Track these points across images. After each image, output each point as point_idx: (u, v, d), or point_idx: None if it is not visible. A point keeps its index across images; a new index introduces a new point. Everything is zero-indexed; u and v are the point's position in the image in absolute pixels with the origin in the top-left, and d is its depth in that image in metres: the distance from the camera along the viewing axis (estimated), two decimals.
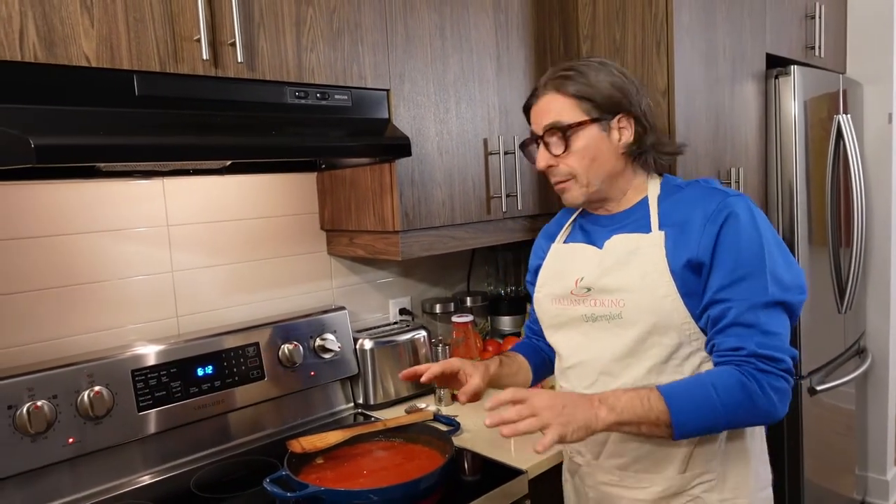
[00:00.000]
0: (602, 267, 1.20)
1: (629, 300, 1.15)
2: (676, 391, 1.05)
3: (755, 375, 1.04)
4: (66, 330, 1.43)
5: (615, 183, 1.23)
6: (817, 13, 2.51)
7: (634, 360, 1.17)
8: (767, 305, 1.07)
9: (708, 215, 1.11)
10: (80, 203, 1.43)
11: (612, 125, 1.19)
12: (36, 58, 1.05)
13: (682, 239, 1.13)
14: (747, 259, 1.08)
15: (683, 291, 1.12)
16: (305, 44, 1.39)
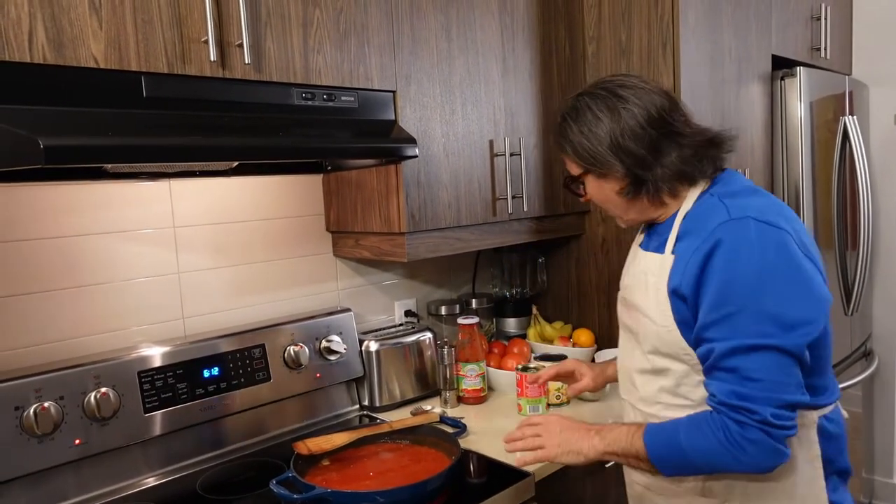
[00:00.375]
0: (628, 280, 1.22)
1: (641, 322, 1.15)
2: (655, 431, 1.08)
3: (727, 425, 0.99)
4: (73, 331, 1.43)
5: (647, 209, 1.17)
6: (823, 14, 2.51)
7: (649, 378, 1.16)
8: (753, 349, 0.97)
9: (699, 242, 1.04)
10: (86, 204, 1.43)
11: (603, 173, 1.14)
12: (45, 59, 1.05)
13: (678, 264, 1.08)
14: (734, 295, 0.99)
15: (678, 319, 1.07)
16: (312, 45, 1.39)
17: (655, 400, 1.16)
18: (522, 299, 2.18)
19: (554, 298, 2.20)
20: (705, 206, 1.10)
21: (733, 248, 1.01)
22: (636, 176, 1.11)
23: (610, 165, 1.11)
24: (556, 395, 1.72)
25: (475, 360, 1.78)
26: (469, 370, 1.78)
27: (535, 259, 2.17)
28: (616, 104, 1.10)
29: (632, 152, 1.09)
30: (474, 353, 1.78)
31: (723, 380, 1.01)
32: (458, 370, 1.78)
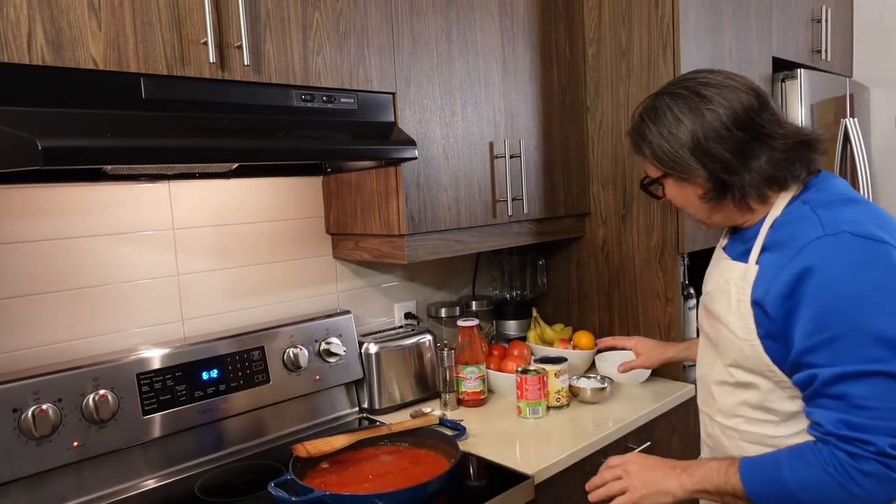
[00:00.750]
0: (710, 286, 1.16)
1: (721, 332, 1.09)
2: (753, 467, 0.99)
3: (837, 458, 0.92)
4: (72, 333, 1.43)
5: (732, 215, 1.11)
6: (824, 17, 2.50)
7: (730, 390, 1.12)
8: (862, 375, 0.90)
9: (789, 257, 0.97)
10: (86, 206, 1.43)
11: (684, 177, 1.09)
12: (44, 60, 1.05)
13: (763, 276, 1.01)
14: (835, 318, 0.92)
15: (761, 333, 1.01)
16: (312, 47, 1.39)
17: (735, 413, 1.11)
18: (522, 301, 2.18)
19: (554, 301, 2.19)
20: (796, 215, 1.03)
21: (829, 268, 0.93)
22: (721, 181, 1.05)
23: (692, 170, 1.06)
24: (556, 397, 1.71)
25: (475, 363, 1.77)
26: (469, 372, 1.77)
27: (536, 261, 2.17)
28: (699, 105, 1.04)
29: (716, 156, 1.03)
30: (474, 355, 1.78)
31: (829, 408, 0.94)
32: (457, 372, 1.78)
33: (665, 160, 1.08)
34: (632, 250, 1.96)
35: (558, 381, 1.71)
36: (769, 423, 1.07)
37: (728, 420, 1.13)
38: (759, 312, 1.01)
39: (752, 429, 1.09)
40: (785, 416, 1.05)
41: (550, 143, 1.92)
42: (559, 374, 1.71)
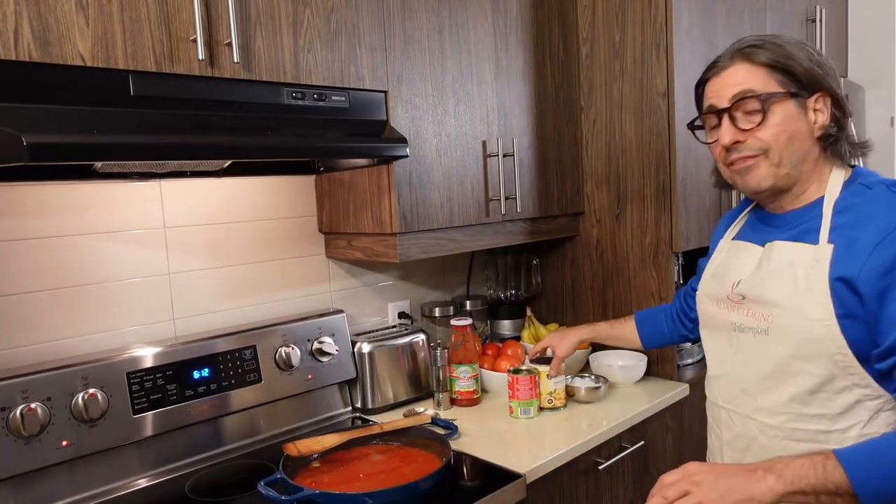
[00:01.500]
0: (760, 274, 1.10)
1: (778, 317, 1.04)
2: (858, 457, 0.90)
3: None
4: (62, 332, 1.42)
5: (805, 170, 1.07)
6: (818, 17, 2.50)
7: (776, 385, 1.06)
8: None
9: (883, 234, 0.94)
10: (76, 205, 1.43)
11: (808, 104, 1.05)
12: (30, 57, 1.05)
13: (847, 253, 0.98)
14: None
15: (841, 313, 0.97)
16: (302, 44, 1.38)
17: (782, 410, 1.06)
18: (517, 301, 2.17)
19: (548, 300, 2.19)
20: (866, 196, 1.02)
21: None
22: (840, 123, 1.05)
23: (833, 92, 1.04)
24: (549, 398, 1.70)
25: (468, 362, 1.77)
26: (462, 372, 1.77)
27: (530, 261, 2.17)
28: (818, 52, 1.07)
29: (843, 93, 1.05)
30: (467, 354, 1.77)
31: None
32: (451, 372, 1.77)
33: (810, 75, 1.03)
34: (626, 250, 1.96)
35: (551, 382, 1.70)
36: (822, 417, 1.01)
37: (772, 418, 1.07)
38: (844, 291, 0.97)
39: (802, 425, 1.03)
40: (840, 409, 1.01)
41: (544, 141, 1.92)
42: (551, 374, 1.69)
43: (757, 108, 1.04)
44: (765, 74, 1.04)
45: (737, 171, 1.09)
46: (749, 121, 1.05)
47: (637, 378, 1.88)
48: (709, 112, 1.11)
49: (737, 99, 1.05)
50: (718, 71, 1.10)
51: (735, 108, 1.06)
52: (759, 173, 1.06)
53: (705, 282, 1.25)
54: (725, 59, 1.09)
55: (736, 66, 1.07)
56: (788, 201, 1.11)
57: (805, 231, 1.05)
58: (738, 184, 1.11)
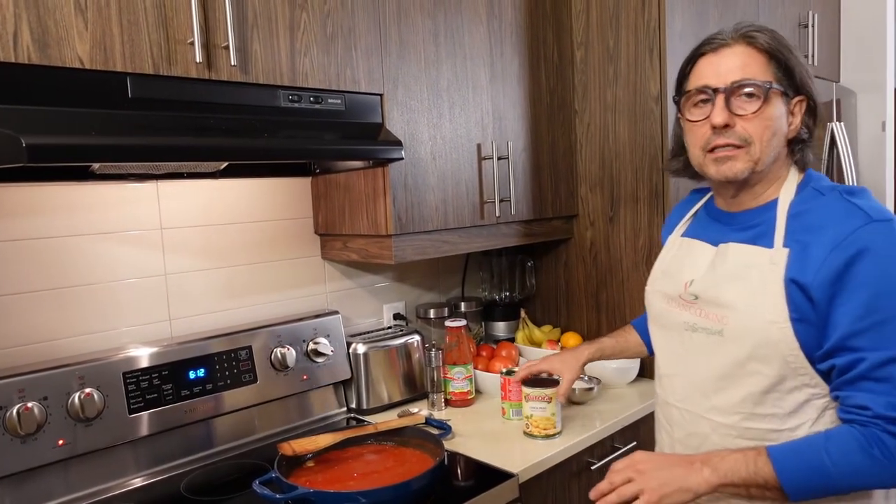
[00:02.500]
0: (714, 275, 1.10)
1: (733, 319, 1.05)
2: (786, 454, 0.97)
3: (882, 439, 0.93)
4: (59, 332, 1.43)
5: (773, 169, 1.09)
6: (811, 22, 2.53)
7: (730, 385, 1.07)
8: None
9: (837, 241, 0.96)
10: (73, 205, 1.44)
11: (790, 105, 1.07)
12: (30, 59, 1.06)
13: (801, 258, 0.99)
14: (885, 301, 0.94)
15: (795, 317, 0.99)
16: (299, 48, 1.40)
17: (736, 410, 1.07)
18: (511, 303, 2.19)
19: (542, 302, 2.20)
20: (820, 202, 1.04)
21: (885, 252, 0.94)
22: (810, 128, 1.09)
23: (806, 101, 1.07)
24: (526, 423, 1.56)
25: (462, 363, 1.78)
26: (456, 373, 1.78)
27: (524, 263, 2.18)
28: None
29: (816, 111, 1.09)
30: (462, 355, 1.78)
31: (876, 392, 0.94)
32: (445, 373, 1.78)
33: (802, 75, 1.05)
34: (619, 252, 1.97)
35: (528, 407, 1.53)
36: (773, 417, 1.04)
37: (725, 417, 1.08)
38: (798, 295, 0.99)
39: (754, 424, 1.05)
40: (790, 409, 1.03)
41: (538, 145, 1.94)
42: (532, 398, 1.51)
43: (757, 95, 1.03)
44: (764, 63, 1.04)
45: (715, 158, 1.07)
46: (744, 107, 1.04)
47: (630, 379, 1.89)
48: (701, 90, 1.07)
49: (737, 84, 1.03)
50: (717, 48, 1.06)
51: (732, 92, 1.04)
52: (737, 165, 1.05)
53: (656, 278, 1.25)
54: (725, 37, 1.06)
55: (737, 48, 1.05)
56: (748, 199, 1.11)
57: (760, 234, 1.06)
58: (709, 171, 1.09)
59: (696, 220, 1.23)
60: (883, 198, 2.80)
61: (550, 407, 1.51)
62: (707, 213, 1.21)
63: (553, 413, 1.51)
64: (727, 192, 1.13)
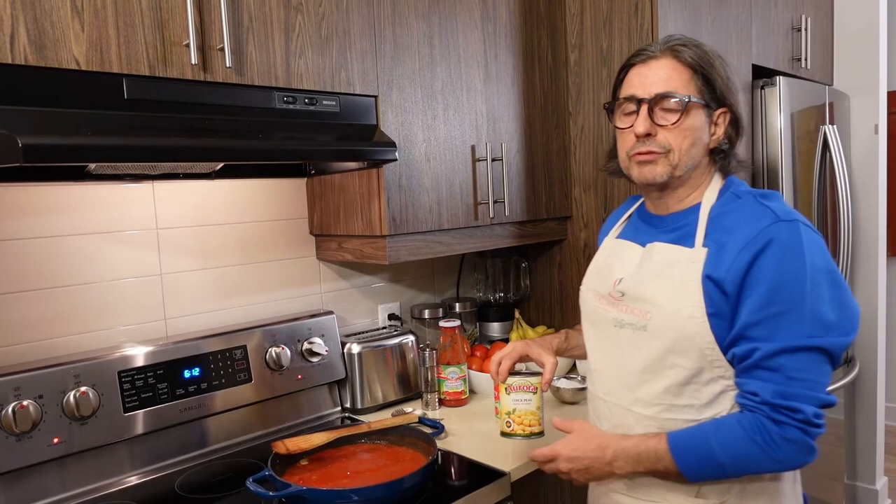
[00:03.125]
0: (640, 273, 1.16)
1: (656, 314, 1.11)
2: (680, 442, 1.06)
3: (765, 426, 1.00)
4: (55, 331, 1.44)
5: (694, 175, 1.15)
6: (804, 25, 2.55)
7: (652, 377, 1.13)
8: (799, 349, 0.99)
9: (748, 240, 1.03)
10: (69, 205, 1.45)
11: (713, 116, 1.14)
12: (26, 60, 1.07)
13: (717, 256, 1.06)
14: (783, 295, 1.00)
15: (711, 312, 1.05)
16: (294, 50, 1.41)
17: (656, 401, 1.12)
18: (506, 303, 2.20)
19: (537, 303, 2.22)
20: (737, 204, 1.11)
21: (786, 249, 1.01)
22: (731, 140, 1.16)
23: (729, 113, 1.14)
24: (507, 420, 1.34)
25: (456, 363, 1.79)
26: (450, 373, 1.79)
27: (518, 264, 2.20)
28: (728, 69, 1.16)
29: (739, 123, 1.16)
30: (456, 356, 1.80)
31: (766, 379, 1.01)
32: (439, 373, 1.80)
33: (724, 89, 1.12)
34: None
35: (510, 400, 1.33)
36: (691, 407, 1.10)
37: (647, 409, 1.13)
38: (714, 291, 1.05)
39: (673, 415, 1.11)
40: (707, 399, 1.09)
41: (532, 146, 1.95)
42: (515, 389, 1.32)
43: (676, 108, 1.10)
44: (688, 76, 1.11)
45: (636, 161, 1.14)
46: (665, 118, 1.10)
47: None
48: (629, 99, 1.14)
49: (662, 96, 1.10)
50: (646, 59, 1.13)
51: (655, 103, 1.11)
52: (657, 169, 1.12)
53: (590, 278, 1.30)
54: (655, 50, 1.13)
55: (663, 60, 1.12)
56: (672, 203, 1.18)
57: (683, 235, 1.13)
58: (633, 174, 1.16)
59: (630, 224, 1.30)
60: (875, 200, 2.82)
61: (536, 399, 1.33)
62: (639, 216, 1.28)
63: (538, 406, 1.33)
64: (652, 195, 1.20)
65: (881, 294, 2.87)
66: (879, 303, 2.86)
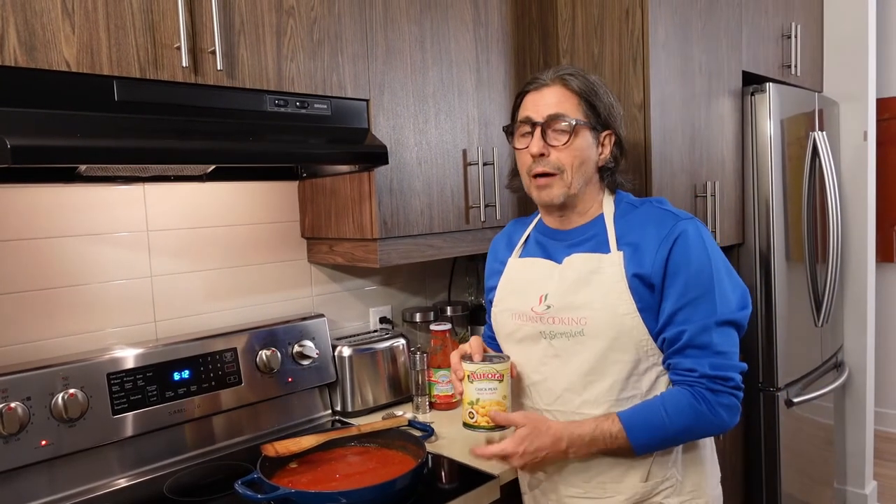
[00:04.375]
0: (564, 284, 1.24)
1: (591, 318, 1.19)
2: (631, 417, 1.15)
3: (705, 396, 1.14)
4: (44, 333, 1.44)
5: (588, 192, 1.28)
6: (794, 32, 2.57)
7: (597, 377, 1.20)
8: (718, 324, 1.15)
9: (661, 237, 1.18)
10: (60, 207, 1.45)
11: (599, 138, 1.27)
12: (16, 62, 1.07)
13: (636, 257, 1.19)
14: (698, 281, 1.15)
15: (640, 307, 1.17)
16: (286, 53, 1.42)
17: (604, 399, 1.20)
18: None
19: None
20: (641, 211, 1.25)
21: (692, 242, 1.17)
22: (617, 159, 1.29)
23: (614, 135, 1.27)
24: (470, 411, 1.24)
25: (447, 367, 1.79)
26: (441, 376, 1.79)
27: None
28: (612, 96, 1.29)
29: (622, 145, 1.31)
30: (447, 359, 1.80)
31: (698, 356, 1.14)
32: (430, 376, 1.80)
33: (607, 114, 1.25)
34: None
35: (473, 389, 1.22)
36: (634, 398, 1.20)
37: (596, 409, 1.20)
38: (641, 287, 1.17)
39: (621, 408, 1.18)
40: (647, 388, 1.20)
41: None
42: (479, 377, 1.21)
43: (566, 129, 1.22)
44: (576, 102, 1.23)
45: (537, 186, 1.26)
46: (556, 139, 1.22)
47: None
48: (524, 122, 1.25)
49: (552, 117, 1.22)
50: (539, 87, 1.25)
51: (548, 125, 1.22)
52: (554, 192, 1.24)
53: (504, 299, 1.34)
54: (546, 78, 1.25)
55: (554, 88, 1.24)
56: (575, 218, 1.29)
57: (596, 243, 1.24)
58: (534, 196, 1.28)
59: (530, 243, 1.37)
60: (864, 206, 2.84)
61: (502, 388, 1.21)
62: (540, 233, 1.35)
63: (505, 395, 1.21)
64: (554, 213, 1.31)
65: (870, 300, 2.89)
66: (868, 308, 2.88)
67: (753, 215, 2.30)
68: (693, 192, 2.04)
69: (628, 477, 1.21)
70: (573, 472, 1.24)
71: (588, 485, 1.24)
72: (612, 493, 1.22)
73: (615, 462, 1.21)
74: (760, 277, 2.29)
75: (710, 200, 2.08)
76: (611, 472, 1.22)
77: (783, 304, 2.30)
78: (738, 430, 2.33)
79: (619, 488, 1.22)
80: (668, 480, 1.22)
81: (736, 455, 2.30)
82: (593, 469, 1.22)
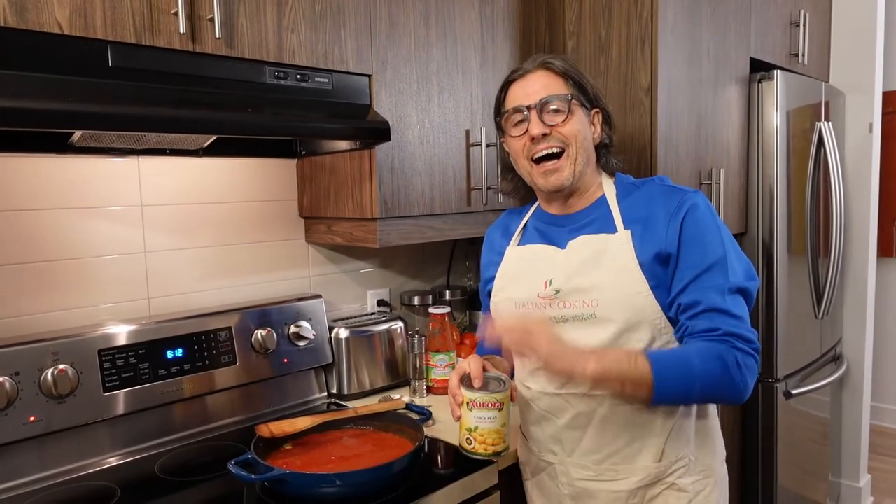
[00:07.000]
0: (570, 268, 1.21)
1: (602, 299, 1.17)
2: (661, 357, 1.10)
3: (733, 352, 1.09)
4: (34, 307, 1.40)
5: (589, 172, 1.26)
6: (802, 21, 2.53)
7: None
8: (732, 291, 1.13)
9: (671, 210, 1.17)
10: (52, 178, 1.41)
11: (590, 115, 1.26)
12: (6, 23, 1.03)
13: (647, 234, 1.17)
14: (711, 249, 1.14)
15: (653, 284, 1.15)
16: (286, 24, 1.37)
17: None
18: None
19: None
20: (645, 189, 1.24)
21: (703, 213, 1.17)
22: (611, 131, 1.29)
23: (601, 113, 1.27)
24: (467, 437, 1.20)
25: (445, 351, 1.77)
26: (439, 360, 1.77)
27: None
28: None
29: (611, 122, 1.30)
30: (445, 343, 1.77)
31: (715, 318, 1.11)
32: (427, 360, 1.77)
33: (594, 91, 1.25)
34: None
35: (472, 417, 1.17)
36: None
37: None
38: (655, 265, 1.15)
39: None
40: None
41: None
42: (478, 405, 1.15)
43: (562, 107, 1.20)
44: (562, 82, 1.22)
45: (543, 172, 1.22)
46: (553, 119, 1.20)
47: None
48: (516, 110, 1.23)
49: (544, 100, 1.20)
50: (524, 74, 1.24)
51: (542, 109, 1.21)
52: (563, 174, 1.21)
53: (505, 288, 1.31)
54: (528, 67, 1.25)
55: (539, 73, 1.23)
56: (579, 201, 1.27)
57: (601, 225, 1.22)
58: (540, 183, 1.24)
59: (529, 231, 1.34)
60: (868, 198, 2.82)
61: (501, 416, 1.16)
62: (539, 221, 1.32)
63: (504, 423, 1.17)
64: (560, 199, 1.28)
65: (870, 293, 2.87)
66: (868, 302, 2.87)
67: (757, 205, 2.27)
68: (698, 179, 2.01)
69: (641, 457, 1.19)
70: (584, 454, 1.22)
71: (599, 467, 1.21)
72: (624, 475, 1.20)
73: (629, 441, 1.18)
74: (763, 268, 2.27)
75: (715, 188, 2.05)
76: (623, 452, 1.19)
77: (784, 295, 2.28)
78: (735, 421, 2.32)
79: (633, 469, 1.19)
80: (681, 460, 1.20)
81: (732, 446, 2.29)
82: (605, 450, 1.20)
